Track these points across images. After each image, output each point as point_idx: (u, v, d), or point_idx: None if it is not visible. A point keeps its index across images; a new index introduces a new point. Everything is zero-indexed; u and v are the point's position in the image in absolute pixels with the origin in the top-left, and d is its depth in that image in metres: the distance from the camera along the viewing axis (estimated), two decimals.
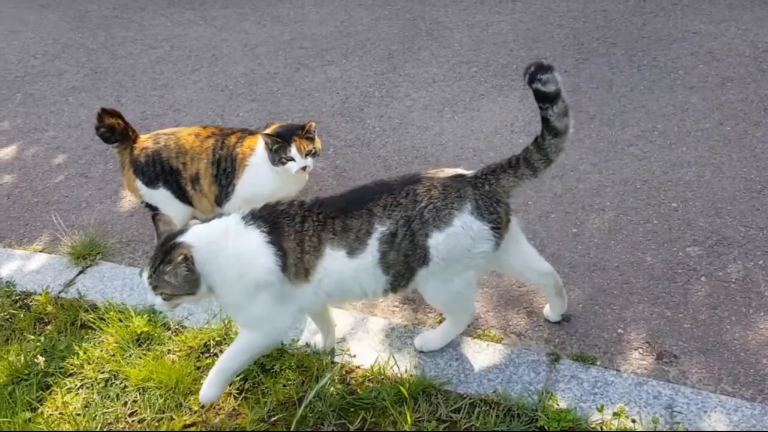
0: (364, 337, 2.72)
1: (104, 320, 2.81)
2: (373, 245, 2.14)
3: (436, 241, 2.16)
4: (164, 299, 2.20)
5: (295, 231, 2.16)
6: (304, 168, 2.98)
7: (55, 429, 2.40)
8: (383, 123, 4.16)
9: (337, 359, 2.62)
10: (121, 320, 2.79)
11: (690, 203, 3.23)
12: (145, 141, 3.07)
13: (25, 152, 4.35)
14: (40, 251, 3.44)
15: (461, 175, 2.27)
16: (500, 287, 2.91)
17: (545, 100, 2.08)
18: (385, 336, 2.71)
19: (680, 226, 3.11)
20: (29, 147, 4.40)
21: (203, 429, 2.39)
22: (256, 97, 4.65)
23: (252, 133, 3.11)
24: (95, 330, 2.79)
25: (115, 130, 3.05)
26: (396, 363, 2.53)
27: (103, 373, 2.60)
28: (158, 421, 2.42)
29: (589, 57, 4.57)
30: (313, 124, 3.00)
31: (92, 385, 2.57)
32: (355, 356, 2.64)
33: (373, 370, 2.55)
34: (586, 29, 4.93)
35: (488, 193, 2.21)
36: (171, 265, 2.12)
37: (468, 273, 2.30)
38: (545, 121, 2.13)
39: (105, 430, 2.32)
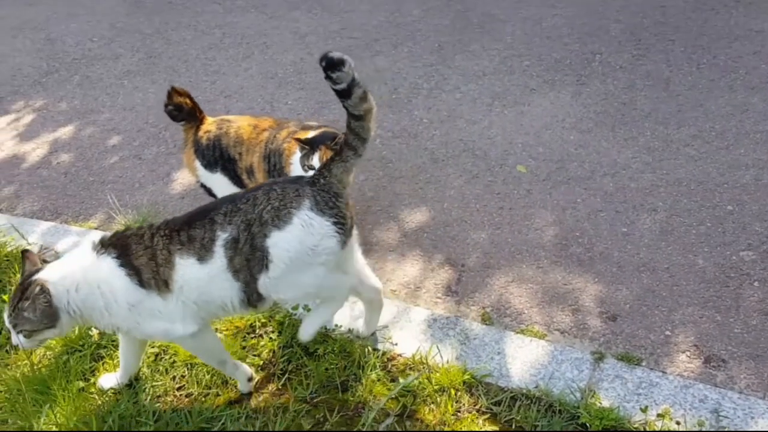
0: (406, 326, 2.73)
1: None
2: (219, 252, 2.17)
3: (276, 240, 2.15)
4: (26, 337, 2.25)
5: (144, 248, 2.20)
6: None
7: (91, 410, 2.47)
8: (431, 115, 4.15)
9: (379, 346, 2.64)
10: None
11: (746, 207, 3.16)
12: (210, 124, 3.09)
13: (81, 132, 4.46)
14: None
15: (301, 177, 2.30)
16: (545, 284, 2.89)
17: (340, 94, 2.12)
18: (427, 326, 2.72)
19: (735, 229, 3.04)
20: (86, 128, 4.51)
21: (247, 406, 2.44)
22: (304, 85, 4.68)
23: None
24: None
25: (182, 109, 3.08)
26: (439, 352, 2.54)
27: (153, 347, 2.66)
28: (204, 397, 2.47)
29: (646, 53, 4.48)
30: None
31: (143, 358, 2.64)
32: (396, 344, 2.65)
33: (414, 358, 2.56)
34: (644, 25, 4.84)
35: (324, 186, 2.21)
36: (29, 300, 2.19)
37: (318, 270, 2.22)
38: (345, 108, 2.16)
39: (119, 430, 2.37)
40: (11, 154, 4.32)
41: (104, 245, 2.24)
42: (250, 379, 2.50)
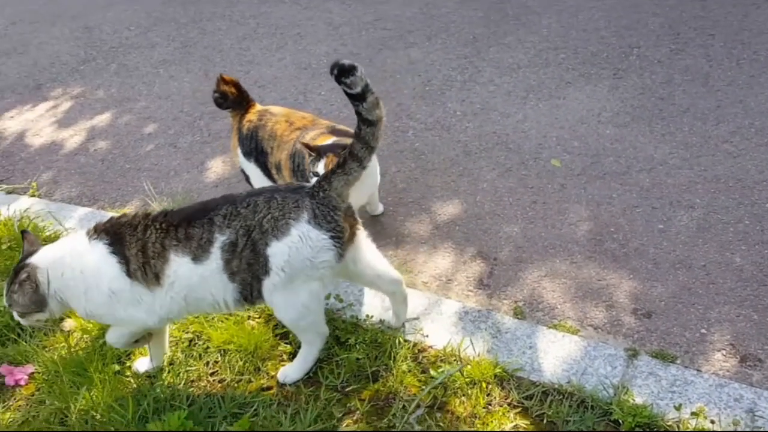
0: (438, 319, 2.73)
1: None
2: (215, 253, 2.19)
3: (275, 250, 2.17)
4: (20, 316, 2.34)
5: (137, 239, 2.23)
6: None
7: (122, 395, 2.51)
8: (465, 107, 4.14)
9: (410, 338, 2.64)
10: None
11: None
12: (254, 114, 3.11)
13: (118, 120, 4.52)
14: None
15: (302, 186, 2.28)
16: (578, 279, 2.87)
17: (354, 98, 2.13)
18: (459, 319, 2.72)
19: None
20: (122, 115, 4.57)
21: (279, 393, 2.46)
22: None
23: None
24: None
25: (227, 97, 3.12)
26: (471, 344, 2.54)
27: (187, 333, 2.70)
28: (237, 383, 2.50)
29: (685, 48, 4.41)
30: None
31: (177, 343, 2.67)
32: (427, 336, 2.65)
33: (446, 350, 2.56)
34: (683, 19, 4.76)
35: (324, 200, 2.21)
36: (18, 285, 2.27)
37: (312, 284, 2.26)
38: (358, 114, 2.16)
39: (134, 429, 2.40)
40: (50, 141, 4.39)
41: (98, 231, 2.29)
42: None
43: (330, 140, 2.83)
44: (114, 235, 2.27)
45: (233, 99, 3.12)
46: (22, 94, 5.04)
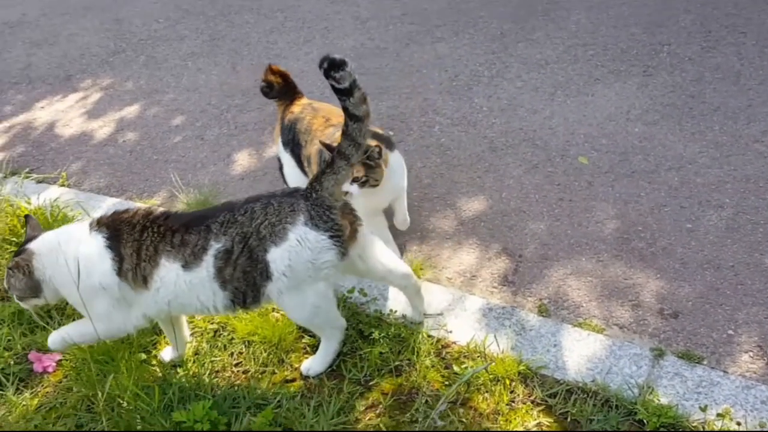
0: (461, 315, 2.72)
1: None
2: (208, 261, 2.20)
3: (275, 256, 2.18)
4: (18, 300, 2.40)
5: (134, 240, 2.25)
6: (345, 193, 2.65)
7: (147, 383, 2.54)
8: (491, 103, 4.12)
9: (433, 333, 2.64)
10: None
11: None
12: (297, 106, 3.12)
13: (146, 112, 4.56)
14: (158, 205, 3.61)
15: (296, 190, 2.30)
16: (605, 277, 2.84)
17: (341, 93, 2.11)
18: (483, 315, 2.71)
19: None
20: (151, 107, 4.61)
21: (303, 385, 2.47)
22: (365, 71, 4.68)
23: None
24: None
25: (272, 87, 3.15)
26: (496, 341, 2.54)
27: (212, 324, 2.72)
28: (261, 374, 2.52)
29: (716, 45, 4.35)
30: (378, 150, 2.68)
31: (202, 334, 2.70)
32: (451, 332, 2.65)
33: (469, 347, 2.56)
34: (715, 16, 4.69)
35: (317, 201, 2.22)
36: (13, 269, 2.32)
37: (318, 285, 2.27)
38: (345, 110, 2.15)
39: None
40: (79, 131, 4.45)
41: (100, 223, 2.33)
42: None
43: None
44: (114, 230, 2.30)
45: (279, 89, 3.16)
46: (52, 85, 5.11)
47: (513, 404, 2.33)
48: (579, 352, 2.50)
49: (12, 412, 2.47)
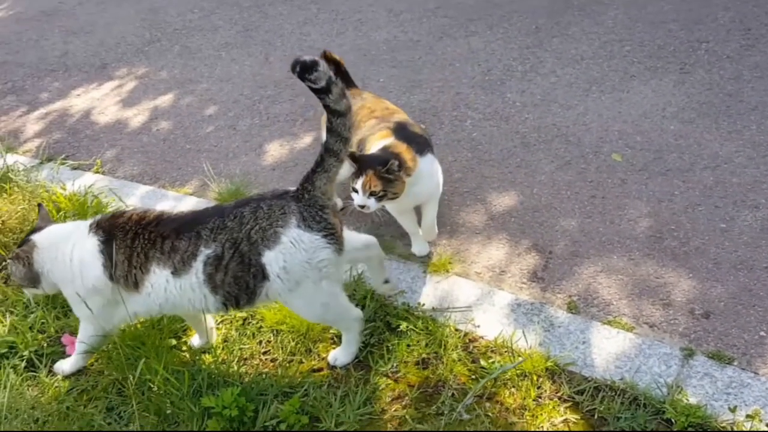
0: (489, 309, 2.72)
1: None
2: (198, 267, 2.20)
3: (270, 258, 2.18)
4: (19, 287, 2.46)
5: (126, 246, 2.28)
6: (362, 206, 2.71)
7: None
8: (524, 98, 4.09)
9: (461, 327, 2.64)
10: None
11: None
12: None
13: (180, 101, 4.61)
14: (190, 194, 3.65)
15: (286, 192, 2.27)
16: (636, 276, 2.81)
17: (320, 92, 2.10)
18: (511, 311, 2.70)
19: None
20: (184, 97, 4.66)
21: (330, 374, 2.49)
22: (397, 63, 4.68)
23: (396, 131, 2.83)
24: None
25: None
26: (524, 337, 2.53)
27: (241, 312, 2.74)
28: (289, 363, 2.54)
29: (755, 44, 4.26)
30: (398, 164, 2.63)
31: (231, 322, 2.73)
32: (479, 326, 2.65)
33: (497, 342, 2.55)
34: (754, 14, 4.60)
35: (310, 201, 2.21)
36: (15, 258, 2.38)
37: (321, 284, 2.26)
38: (326, 107, 2.15)
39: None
40: (114, 119, 4.51)
41: (98, 225, 2.36)
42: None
43: (382, 143, 2.77)
44: (108, 234, 2.33)
45: None
46: (88, 73, 5.18)
47: (540, 400, 2.32)
48: (608, 350, 2.48)
49: (44, 393, 2.52)
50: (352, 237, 2.48)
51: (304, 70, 2.05)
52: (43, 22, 6.21)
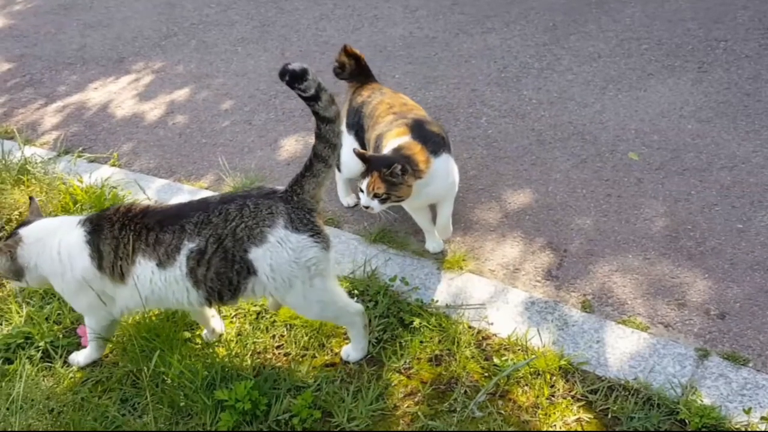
0: (503, 307, 2.71)
1: None
2: (181, 260, 2.22)
3: (257, 255, 2.19)
4: (3, 278, 2.48)
5: (113, 236, 2.30)
6: (367, 207, 2.72)
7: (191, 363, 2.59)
8: (541, 96, 4.07)
9: (474, 324, 2.64)
10: None
11: None
12: (368, 90, 3.12)
13: (196, 96, 4.63)
14: (206, 188, 3.67)
15: (274, 192, 2.28)
16: (651, 275, 2.80)
17: (309, 100, 2.12)
18: (525, 309, 2.70)
19: None
20: (200, 91, 4.67)
21: (342, 369, 2.49)
22: (413, 60, 4.67)
23: (413, 128, 2.80)
24: None
25: (344, 69, 3.18)
26: (538, 335, 2.52)
27: (255, 306, 2.76)
28: (302, 357, 2.55)
29: None
30: (402, 167, 2.59)
31: (245, 315, 2.74)
32: (492, 324, 2.65)
33: (510, 339, 2.55)
34: None
35: (298, 204, 2.23)
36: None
37: (314, 281, 2.26)
38: (315, 114, 2.16)
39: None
40: (131, 113, 4.54)
41: (86, 220, 2.39)
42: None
43: (398, 140, 2.75)
44: (95, 226, 2.35)
45: (350, 71, 3.18)
46: (105, 67, 5.21)
47: (553, 398, 2.32)
48: (622, 350, 2.47)
49: (60, 384, 2.54)
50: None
51: (293, 78, 2.06)
52: (61, 16, 6.24)
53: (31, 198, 2.67)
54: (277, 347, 2.62)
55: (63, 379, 2.56)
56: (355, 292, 2.78)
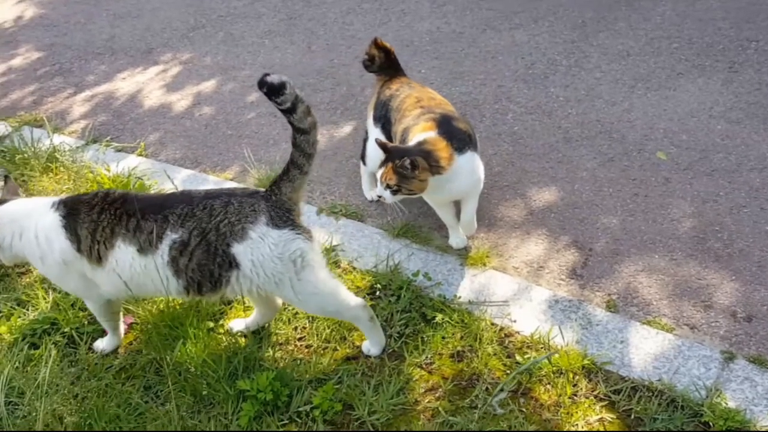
0: (526, 305, 2.70)
1: None
2: (163, 249, 2.25)
3: (239, 250, 2.23)
4: None
5: (91, 220, 2.32)
6: (380, 196, 2.74)
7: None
8: (568, 93, 4.03)
9: (497, 321, 2.63)
10: None
11: None
12: (397, 83, 3.13)
13: (223, 87, 4.65)
14: (230, 179, 3.69)
15: (257, 191, 2.34)
16: (677, 276, 2.77)
17: (285, 111, 2.16)
18: (548, 307, 2.68)
19: None
20: (227, 83, 4.70)
21: (363, 363, 2.50)
22: (439, 55, 4.66)
23: (440, 124, 2.77)
24: None
25: (374, 62, 3.19)
26: (561, 333, 2.51)
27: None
28: (323, 350, 2.56)
29: None
30: (410, 162, 2.56)
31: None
32: (515, 321, 2.63)
33: (533, 337, 2.54)
34: None
35: (277, 203, 2.27)
36: None
37: (303, 275, 2.28)
38: (291, 124, 2.20)
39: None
40: (158, 103, 4.57)
41: (61, 202, 2.41)
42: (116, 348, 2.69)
43: (423, 135, 2.72)
44: (71, 209, 2.38)
45: (380, 64, 3.18)
46: (134, 57, 5.25)
47: (575, 398, 2.31)
48: (646, 350, 2.45)
49: (84, 370, 2.57)
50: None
51: (271, 91, 2.10)
52: (90, 6, 6.30)
53: (6, 177, 2.70)
54: (299, 339, 2.63)
55: (88, 365, 2.59)
56: (378, 286, 2.79)
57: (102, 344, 2.67)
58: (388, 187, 2.66)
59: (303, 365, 2.48)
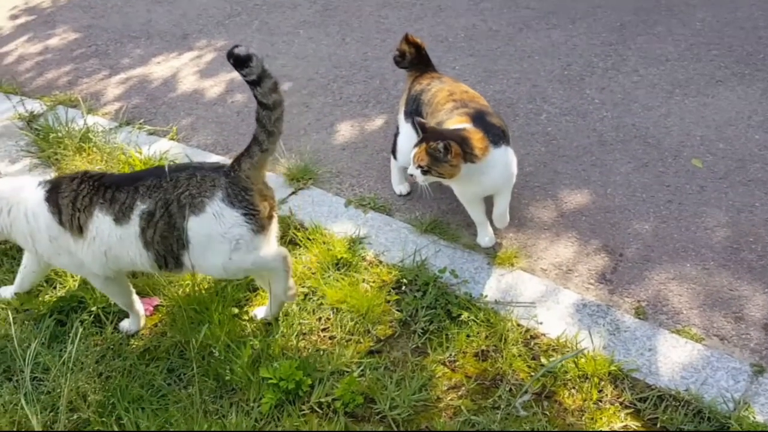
0: (554, 307, 2.67)
1: (310, 240, 2.99)
2: (134, 220, 2.32)
3: (191, 224, 2.29)
4: None
5: (71, 190, 2.38)
6: (411, 174, 2.76)
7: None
8: (604, 96, 3.98)
9: (523, 322, 2.60)
10: (324, 243, 2.95)
11: None
12: (427, 78, 3.11)
13: None
14: None
15: (222, 166, 2.37)
16: (708, 286, 2.72)
17: (251, 84, 2.22)
18: (576, 311, 2.65)
19: None
20: None
21: (386, 357, 2.49)
22: (474, 52, 4.62)
23: (474, 118, 2.77)
24: (301, 247, 2.97)
25: (405, 57, 3.18)
26: (589, 337, 2.48)
27: (303, 287, 2.76)
28: (347, 342, 2.55)
29: None
30: (444, 145, 2.56)
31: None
32: (541, 323, 2.61)
33: (559, 341, 2.51)
34: None
35: (235, 180, 2.30)
36: None
37: (232, 255, 2.32)
38: (256, 98, 2.25)
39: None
40: (192, 89, 4.59)
41: (47, 181, 2.47)
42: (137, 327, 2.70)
43: (460, 125, 2.73)
44: (54, 185, 2.44)
45: (410, 59, 3.18)
46: (169, 42, 5.28)
47: (600, 403, 2.28)
48: (674, 359, 2.42)
49: (109, 350, 2.59)
50: (276, 244, 2.50)
51: (237, 62, 2.19)
52: None
53: None
54: (323, 330, 2.62)
55: (113, 344, 2.61)
56: (404, 280, 2.78)
57: (126, 324, 2.69)
58: (419, 167, 2.67)
59: (326, 356, 2.48)
